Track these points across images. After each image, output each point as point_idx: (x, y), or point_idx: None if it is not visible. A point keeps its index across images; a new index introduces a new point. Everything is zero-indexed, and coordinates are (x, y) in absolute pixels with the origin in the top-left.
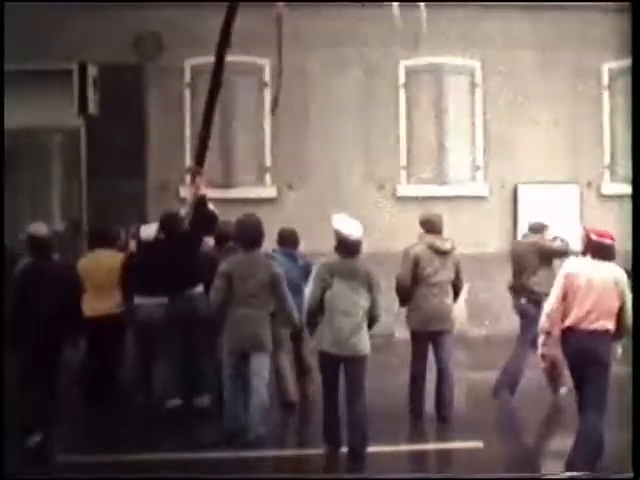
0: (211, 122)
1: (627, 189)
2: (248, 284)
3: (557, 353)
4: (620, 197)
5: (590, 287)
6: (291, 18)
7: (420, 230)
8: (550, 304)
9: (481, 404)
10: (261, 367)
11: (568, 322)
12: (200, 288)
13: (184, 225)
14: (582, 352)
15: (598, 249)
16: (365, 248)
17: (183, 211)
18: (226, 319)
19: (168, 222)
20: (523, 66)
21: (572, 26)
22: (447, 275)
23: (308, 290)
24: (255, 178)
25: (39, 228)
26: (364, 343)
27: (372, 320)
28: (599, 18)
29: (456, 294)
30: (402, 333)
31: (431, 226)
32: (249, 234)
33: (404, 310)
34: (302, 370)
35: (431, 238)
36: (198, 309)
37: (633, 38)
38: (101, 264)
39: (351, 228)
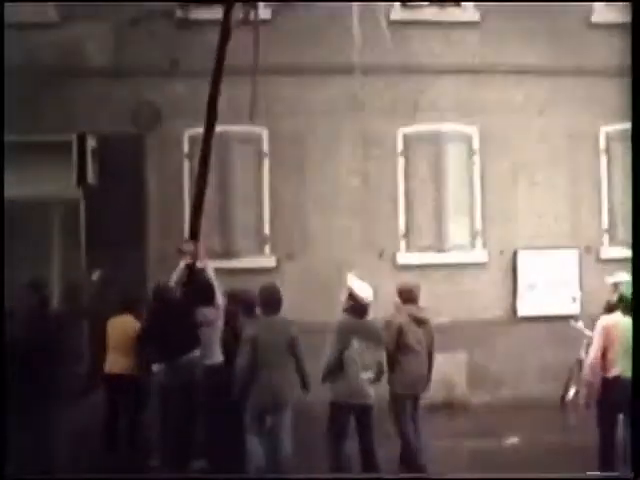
0: (204, 191)
1: (626, 252)
2: (271, 347)
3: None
4: (619, 261)
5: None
6: (288, 85)
7: (397, 299)
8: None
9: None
10: (285, 422)
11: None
12: (197, 353)
13: (175, 295)
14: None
15: None
16: None
17: (174, 278)
18: (252, 380)
19: (159, 293)
20: (520, 132)
21: (568, 91)
22: (426, 343)
23: (329, 348)
24: (254, 248)
25: None
26: (372, 393)
27: (380, 373)
28: (596, 82)
29: (431, 362)
30: None
31: (410, 296)
32: (270, 301)
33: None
34: None
35: (411, 308)
36: (194, 374)
37: (633, 38)
38: (115, 327)
39: (365, 291)
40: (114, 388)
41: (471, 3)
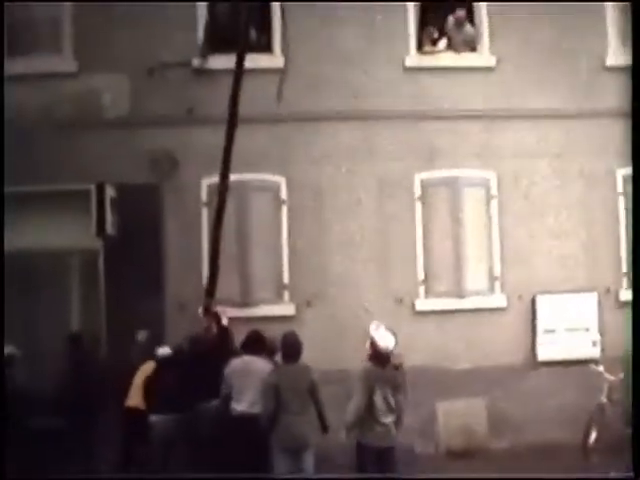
0: (219, 240)
1: None
2: (292, 393)
3: None
4: None
5: None
6: (306, 133)
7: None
8: None
9: None
10: (308, 462)
11: None
12: (215, 402)
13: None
14: None
15: None
16: None
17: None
18: (276, 424)
19: (194, 344)
20: (538, 175)
21: (585, 133)
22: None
23: (356, 395)
24: (273, 296)
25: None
26: (395, 434)
27: (401, 417)
28: (611, 125)
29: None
30: (424, 448)
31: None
32: (291, 349)
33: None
34: None
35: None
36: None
37: (633, 38)
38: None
39: (387, 341)
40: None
41: (487, 47)
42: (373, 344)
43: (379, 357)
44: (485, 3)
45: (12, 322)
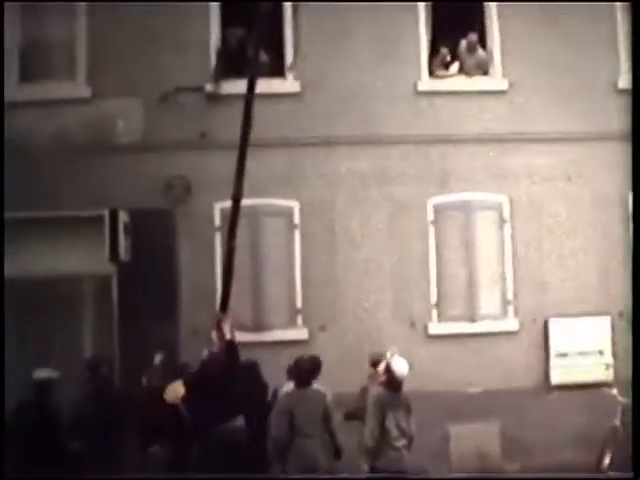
0: (233, 264)
1: None
2: (306, 417)
3: None
4: None
5: None
6: (318, 157)
7: (370, 369)
8: None
9: None
10: None
11: None
12: (239, 421)
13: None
14: None
15: None
16: None
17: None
18: (289, 448)
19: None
20: (550, 198)
21: (597, 156)
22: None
23: (370, 421)
24: (286, 320)
25: None
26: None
27: (411, 440)
28: (624, 147)
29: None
30: (438, 471)
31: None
32: (305, 373)
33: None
34: None
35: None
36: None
37: (633, 38)
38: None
39: (402, 367)
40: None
41: (499, 71)
42: (389, 370)
43: (393, 383)
44: (497, 26)
45: (24, 345)
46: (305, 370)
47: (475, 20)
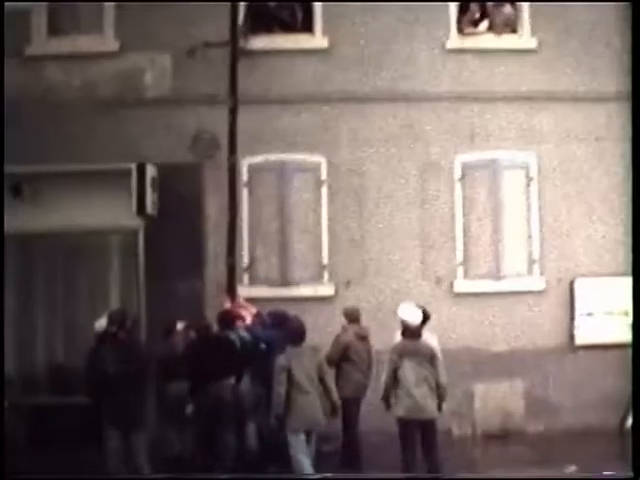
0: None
1: None
2: (304, 374)
3: None
4: None
5: None
6: (347, 114)
7: (344, 321)
8: None
9: None
10: (313, 439)
11: None
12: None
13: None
14: None
15: None
16: None
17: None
18: (289, 405)
19: (200, 327)
20: (578, 158)
21: (626, 116)
22: (366, 356)
23: (385, 369)
24: (313, 276)
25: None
26: (433, 408)
27: (440, 387)
28: None
29: (370, 371)
30: (461, 430)
31: (354, 317)
32: (299, 331)
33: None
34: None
35: (355, 327)
36: (225, 397)
37: (633, 37)
38: None
39: (413, 316)
40: None
41: (528, 29)
42: (402, 321)
43: (409, 332)
44: None
45: (52, 298)
46: (298, 329)
47: None
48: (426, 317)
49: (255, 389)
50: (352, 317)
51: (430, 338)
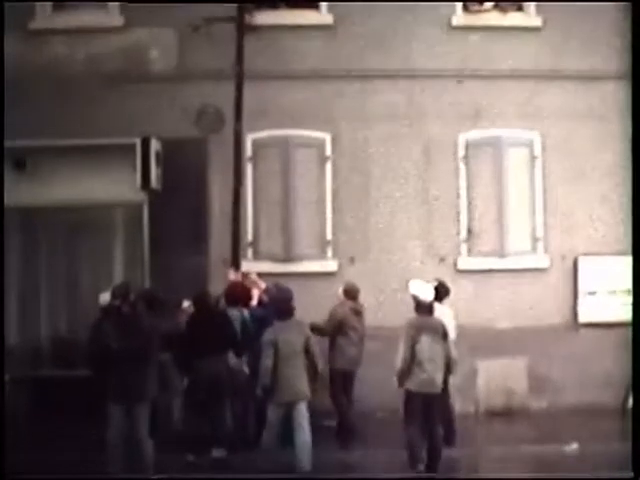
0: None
1: None
2: (290, 347)
3: None
4: None
5: None
6: (351, 91)
7: (341, 296)
8: None
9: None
10: (304, 412)
11: None
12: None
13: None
14: None
15: None
16: None
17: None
18: (274, 377)
19: (199, 300)
20: (582, 137)
21: (629, 95)
22: (360, 331)
23: (401, 346)
24: (316, 252)
25: None
26: (441, 382)
27: (452, 364)
28: None
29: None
30: (464, 407)
31: (351, 293)
32: (286, 305)
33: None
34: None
35: (351, 303)
36: (221, 371)
37: (633, 37)
38: None
39: (426, 293)
40: None
41: (533, 8)
42: (414, 298)
43: (421, 308)
44: None
45: (56, 272)
46: (285, 302)
47: None
48: (446, 291)
49: (251, 366)
50: (350, 294)
51: (448, 313)
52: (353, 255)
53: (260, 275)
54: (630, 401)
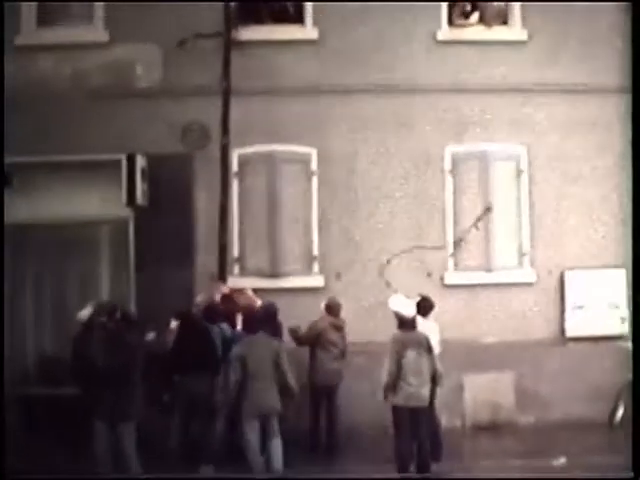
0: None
1: None
2: (258, 363)
3: None
4: None
5: None
6: (337, 105)
7: (323, 311)
8: None
9: None
10: (275, 427)
11: None
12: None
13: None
14: None
15: None
16: None
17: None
18: (244, 392)
19: (182, 317)
20: (568, 150)
21: (617, 108)
22: (340, 346)
23: (386, 361)
24: (303, 267)
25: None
26: (427, 395)
27: (437, 378)
28: None
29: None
30: (450, 422)
31: (333, 309)
32: (254, 320)
33: (452, 401)
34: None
35: (331, 318)
36: (203, 388)
37: (633, 37)
38: None
39: (407, 308)
40: None
41: (519, 21)
42: (396, 314)
43: (405, 324)
44: None
45: (42, 289)
46: (255, 317)
47: None
48: (430, 306)
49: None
50: (332, 309)
51: (433, 327)
52: (339, 270)
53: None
54: (619, 414)
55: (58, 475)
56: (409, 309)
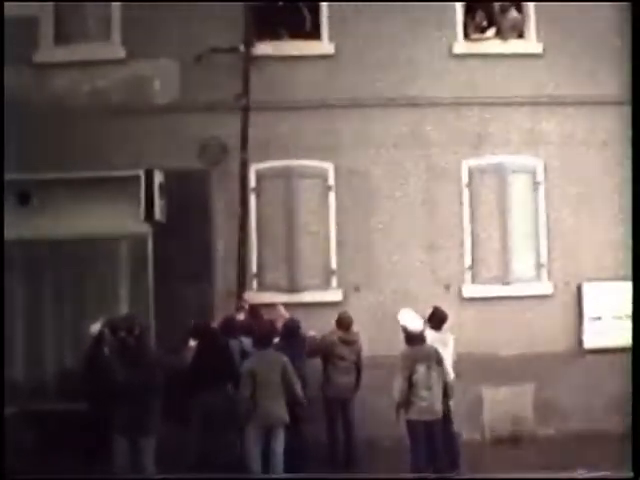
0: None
1: None
2: (266, 376)
3: None
4: None
5: None
6: (354, 119)
7: (334, 325)
8: None
9: None
10: (280, 438)
11: None
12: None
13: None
14: None
15: None
16: None
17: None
18: (254, 405)
19: (198, 332)
20: (584, 163)
21: (629, 120)
22: (353, 359)
23: (397, 377)
24: (321, 281)
25: None
26: (440, 408)
27: (448, 390)
28: None
29: (359, 373)
30: (470, 435)
31: (343, 323)
32: (264, 336)
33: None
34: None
35: (341, 332)
36: (221, 402)
37: (633, 37)
38: None
39: (414, 323)
40: None
41: (534, 34)
42: (404, 329)
43: (413, 339)
44: None
45: (61, 305)
46: (265, 332)
47: None
48: (443, 317)
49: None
50: (342, 323)
51: (448, 338)
52: (358, 285)
53: (265, 306)
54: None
55: (58, 476)
56: (416, 323)
